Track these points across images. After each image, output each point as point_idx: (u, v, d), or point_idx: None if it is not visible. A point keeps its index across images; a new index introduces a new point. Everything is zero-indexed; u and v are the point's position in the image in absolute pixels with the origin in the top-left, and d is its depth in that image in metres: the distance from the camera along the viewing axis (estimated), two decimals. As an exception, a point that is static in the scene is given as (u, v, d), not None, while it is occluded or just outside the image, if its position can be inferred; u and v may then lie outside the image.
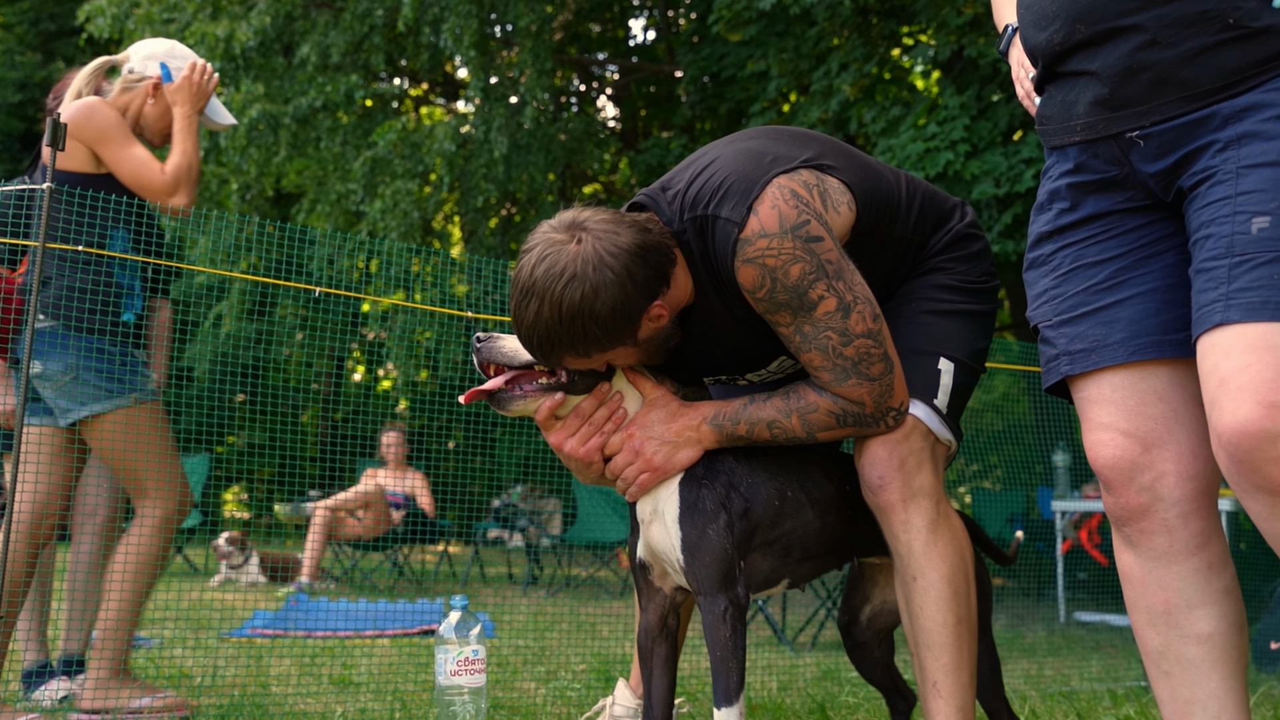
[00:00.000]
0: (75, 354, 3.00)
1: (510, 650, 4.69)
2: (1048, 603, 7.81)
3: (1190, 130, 1.62)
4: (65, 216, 3.06)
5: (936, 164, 7.78)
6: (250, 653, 4.37)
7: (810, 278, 1.95)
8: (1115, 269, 1.75)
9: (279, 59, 10.97)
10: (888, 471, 2.09)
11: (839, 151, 2.15)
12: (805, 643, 5.40)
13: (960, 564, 2.10)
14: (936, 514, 2.10)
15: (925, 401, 2.13)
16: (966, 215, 2.30)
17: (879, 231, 2.16)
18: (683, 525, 2.06)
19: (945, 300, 2.22)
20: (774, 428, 2.08)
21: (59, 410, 3.04)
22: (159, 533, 3.08)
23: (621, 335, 1.96)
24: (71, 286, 3.05)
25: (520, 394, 2.06)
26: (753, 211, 1.96)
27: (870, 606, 2.45)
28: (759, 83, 10.15)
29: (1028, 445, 8.69)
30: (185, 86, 3.25)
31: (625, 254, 1.92)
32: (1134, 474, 1.73)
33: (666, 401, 2.12)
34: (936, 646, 2.08)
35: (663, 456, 2.08)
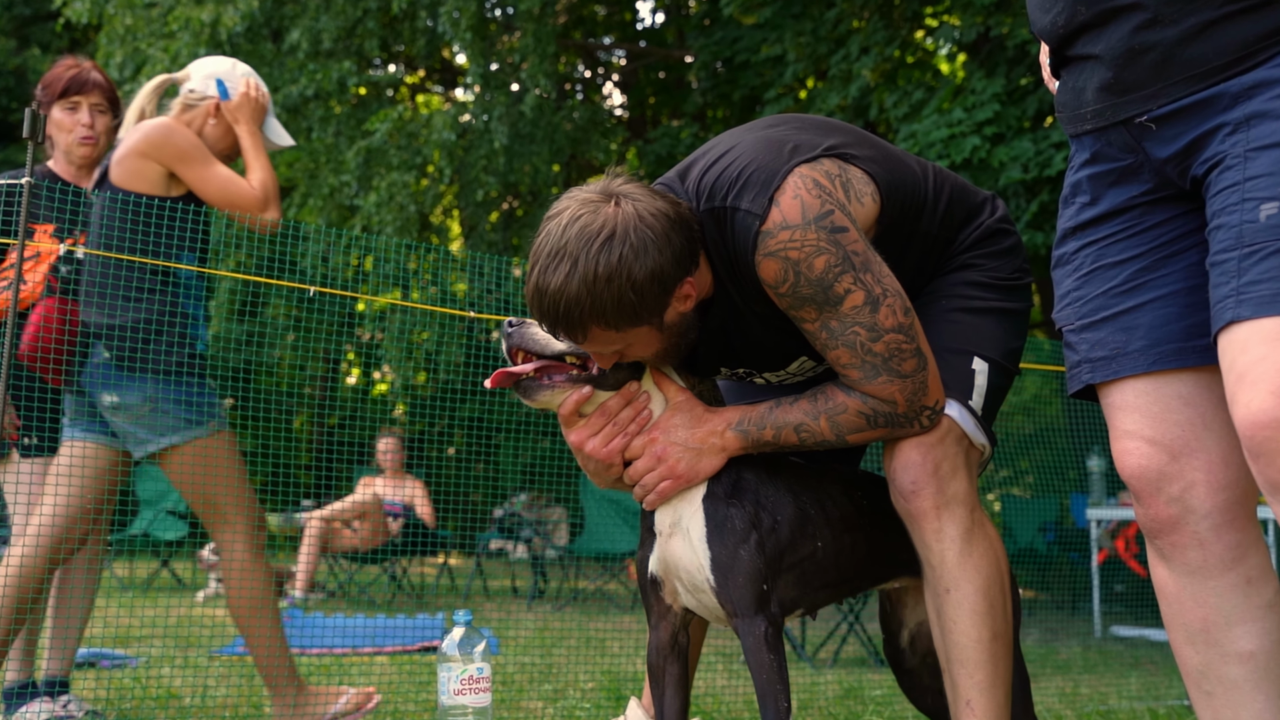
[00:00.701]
0: (154, 385, 3.09)
1: (515, 668, 4.69)
2: (1083, 617, 7.79)
3: (1199, 112, 1.61)
4: (132, 240, 3.16)
5: (962, 150, 7.77)
6: (241, 671, 4.38)
7: (836, 270, 1.95)
8: (1135, 270, 1.75)
9: (267, 45, 11.00)
10: (921, 476, 2.08)
11: (863, 141, 2.15)
12: (826, 659, 5.40)
13: (996, 576, 2.10)
14: (971, 523, 2.09)
15: (960, 402, 2.12)
16: (998, 210, 2.30)
17: (905, 226, 2.16)
18: (712, 545, 2.05)
19: (977, 297, 2.22)
20: (801, 431, 2.08)
21: (134, 441, 3.14)
22: (257, 557, 3.20)
23: (653, 308, 1.94)
24: (144, 319, 3.12)
25: (548, 384, 2.06)
26: (774, 203, 1.95)
27: (907, 630, 2.44)
28: (774, 68, 10.15)
29: (1060, 449, 8.68)
30: (244, 103, 3.36)
31: (665, 218, 1.92)
32: (1161, 484, 1.72)
33: (691, 406, 2.12)
34: (970, 663, 2.08)
35: (686, 464, 2.08)
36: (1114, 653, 6.07)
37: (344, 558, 8.00)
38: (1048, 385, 9.85)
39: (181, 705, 3.63)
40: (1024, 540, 9.22)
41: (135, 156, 3.17)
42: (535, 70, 10.34)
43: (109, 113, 3.64)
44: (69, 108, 3.57)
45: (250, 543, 3.18)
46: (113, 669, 4.33)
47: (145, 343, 3.10)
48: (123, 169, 3.18)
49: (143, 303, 3.13)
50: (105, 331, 3.11)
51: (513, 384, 2.06)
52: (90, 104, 3.58)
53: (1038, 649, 6.03)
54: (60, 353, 3.22)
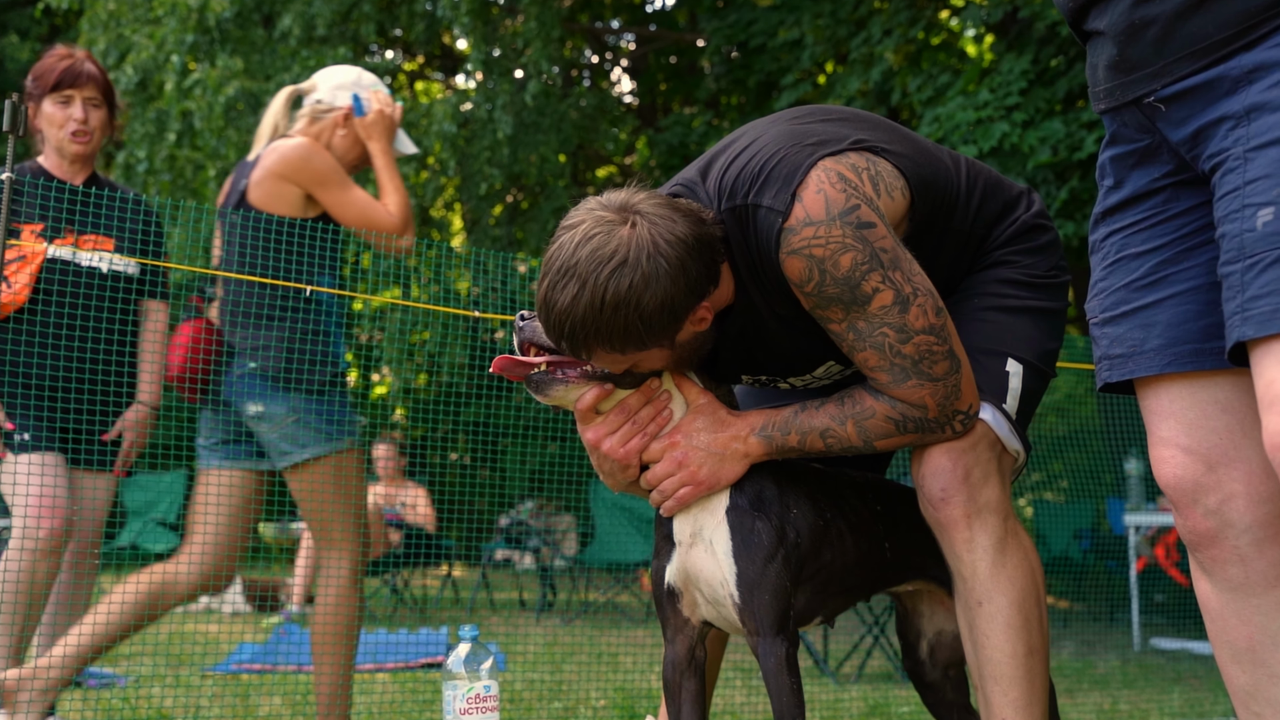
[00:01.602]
0: (298, 399, 3.25)
1: (523, 684, 4.70)
2: (1121, 628, 7.77)
3: (1203, 96, 1.60)
4: (275, 260, 3.31)
5: (991, 136, 7.74)
6: (235, 690, 4.39)
7: (863, 268, 1.94)
8: (1156, 262, 1.74)
9: (258, 31, 11.02)
10: (951, 484, 2.07)
11: (893, 133, 2.14)
12: (850, 674, 5.39)
13: (1031, 588, 2.09)
14: (1004, 532, 2.08)
15: (994, 405, 2.12)
16: (1034, 204, 2.29)
17: (938, 223, 2.15)
18: (738, 560, 2.05)
19: (1011, 296, 2.21)
20: (828, 437, 2.07)
21: (277, 453, 3.28)
22: (354, 585, 3.32)
23: (663, 335, 1.95)
24: (288, 337, 3.28)
25: (563, 379, 2.04)
26: (797, 198, 1.94)
27: (926, 640, 2.44)
28: (791, 52, 10.14)
29: (1095, 452, 8.65)
30: (379, 120, 3.47)
31: (682, 244, 1.90)
32: (1198, 495, 1.71)
33: (713, 409, 2.12)
34: (1005, 680, 2.07)
35: (708, 470, 2.08)
36: (1155, 666, 6.05)
37: (342, 569, 8.00)
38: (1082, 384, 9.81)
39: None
40: (1058, 548, 9.20)
41: (274, 179, 3.30)
42: (540, 56, 10.34)
43: (103, 106, 3.63)
44: (61, 101, 3.55)
45: (353, 570, 3.32)
46: (100, 688, 4.34)
47: (290, 359, 3.26)
48: (262, 191, 3.31)
49: (286, 321, 3.29)
50: (250, 351, 3.28)
51: (524, 378, 2.06)
52: (84, 98, 3.57)
53: (1074, 662, 6.01)
54: (205, 372, 3.38)
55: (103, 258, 3.53)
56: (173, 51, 10.67)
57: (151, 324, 3.67)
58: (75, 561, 3.50)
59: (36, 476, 3.28)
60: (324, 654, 3.32)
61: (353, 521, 3.32)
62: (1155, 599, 8.43)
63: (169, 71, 10.72)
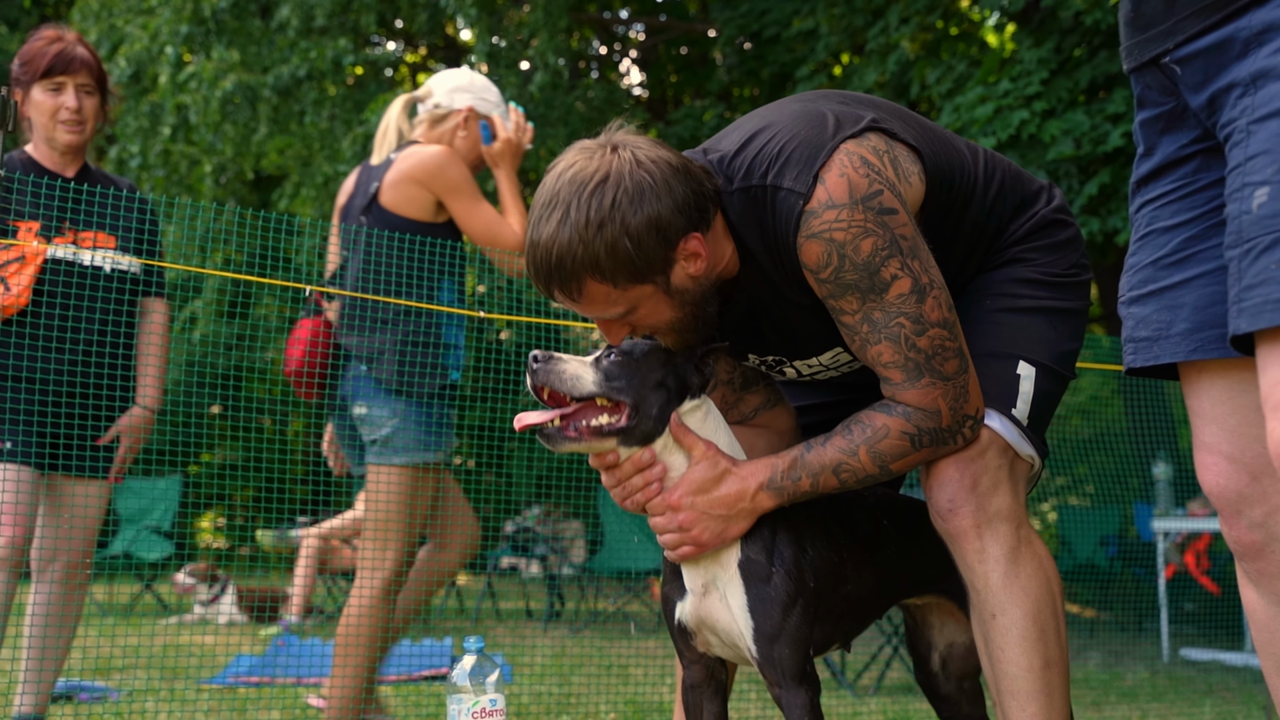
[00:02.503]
0: (404, 405, 3.47)
1: (530, 698, 4.69)
2: (1149, 638, 7.75)
3: (1215, 59, 1.58)
4: (397, 267, 3.48)
5: (1009, 125, 7.73)
6: (233, 703, 4.39)
7: (883, 254, 1.94)
8: (1185, 238, 1.71)
9: (255, 21, 11.05)
10: (959, 493, 2.07)
11: (907, 119, 2.14)
12: (869, 686, 5.38)
13: (1047, 597, 2.08)
14: (1017, 540, 2.07)
15: (1001, 411, 2.10)
16: (1054, 199, 2.28)
17: (953, 213, 2.14)
18: (754, 615, 2.03)
19: (1025, 296, 2.19)
20: (841, 472, 2.05)
21: (370, 448, 3.51)
22: (388, 596, 3.49)
23: (654, 263, 1.94)
24: (400, 341, 3.48)
25: (574, 436, 2.02)
26: (819, 180, 1.94)
27: (937, 652, 2.44)
28: (806, 42, 10.13)
29: (1122, 455, 8.63)
30: (506, 150, 3.67)
31: (667, 164, 1.93)
32: (1241, 507, 1.69)
33: (714, 463, 2.06)
34: (1022, 694, 2.06)
35: (711, 533, 2.05)
36: (1185, 678, 6.03)
37: (343, 578, 8.01)
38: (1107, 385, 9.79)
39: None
40: (1083, 554, 9.18)
41: (410, 182, 3.48)
42: (546, 47, 10.34)
43: (96, 93, 3.55)
44: (52, 88, 3.47)
45: (391, 581, 3.48)
46: (92, 702, 4.34)
47: (400, 366, 3.46)
48: (396, 193, 3.48)
49: (400, 328, 3.49)
50: (363, 354, 3.47)
51: (536, 431, 2.04)
52: (76, 84, 3.49)
53: (1100, 674, 5.99)
54: (322, 369, 3.62)
55: (105, 256, 3.49)
56: (167, 43, 10.70)
57: (151, 323, 3.63)
58: (66, 576, 3.47)
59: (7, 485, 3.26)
60: (342, 659, 3.43)
61: (406, 536, 3.48)
62: (1185, 608, 8.41)
63: (163, 64, 10.75)
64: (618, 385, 2.01)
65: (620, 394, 2.01)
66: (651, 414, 2.03)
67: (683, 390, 2.07)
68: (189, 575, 7.95)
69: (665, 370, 2.06)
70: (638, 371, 2.03)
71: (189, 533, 11.23)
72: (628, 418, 2.02)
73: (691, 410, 2.09)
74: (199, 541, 12.51)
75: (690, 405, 2.09)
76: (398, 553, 3.49)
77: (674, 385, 2.06)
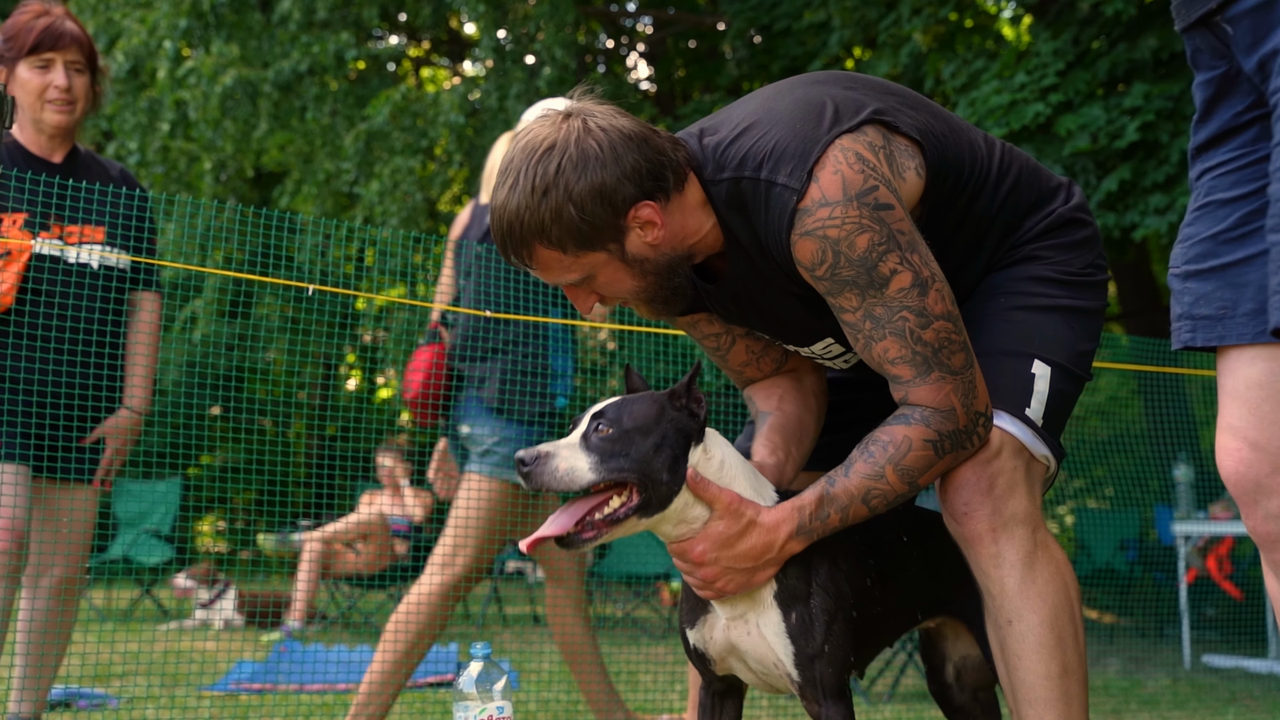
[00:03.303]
0: (508, 427, 3.73)
1: (537, 705, 4.70)
2: (1169, 644, 7.73)
3: (1264, 18, 1.54)
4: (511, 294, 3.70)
5: (1023, 116, 7.71)
6: (234, 710, 4.40)
7: (880, 249, 1.94)
8: (1245, 213, 1.68)
9: (256, 15, 11.05)
10: (974, 497, 2.06)
11: (917, 105, 2.13)
12: (882, 692, 5.38)
13: (1065, 603, 2.07)
14: (1033, 544, 2.07)
15: (1013, 413, 2.10)
16: (1073, 197, 2.26)
17: (956, 206, 2.14)
18: (795, 640, 2.03)
19: (1041, 294, 2.18)
20: (871, 498, 2.02)
21: (471, 457, 3.78)
22: (445, 600, 3.66)
23: (601, 230, 1.97)
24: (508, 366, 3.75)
25: (593, 535, 1.98)
26: (813, 178, 1.95)
27: (952, 664, 2.43)
28: (818, 35, 10.12)
29: (1141, 457, 8.61)
30: None
31: (618, 132, 1.97)
32: (1259, 497, 1.67)
33: (737, 515, 2.01)
34: (1039, 702, 2.06)
35: (737, 584, 2.03)
36: (1207, 685, 6.02)
37: (345, 582, 8.02)
38: (1125, 386, 9.77)
39: (169, 749, 3.65)
40: (1102, 558, 9.16)
41: None
42: (552, 41, 10.34)
43: (86, 71, 3.40)
44: (39, 65, 3.31)
45: (453, 585, 3.66)
46: (91, 710, 4.36)
47: (505, 387, 3.72)
48: None
49: (509, 355, 3.75)
50: (476, 380, 3.73)
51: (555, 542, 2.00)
52: (66, 61, 3.33)
53: (1120, 681, 5.98)
54: (439, 397, 3.87)
55: (92, 252, 3.38)
56: (165, 37, 10.70)
57: (140, 320, 3.53)
58: (61, 588, 3.41)
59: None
60: (385, 649, 3.57)
61: (484, 545, 3.69)
62: (1207, 613, 8.39)
63: (162, 58, 10.76)
64: (616, 464, 1.95)
65: (622, 473, 1.95)
66: (662, 479, 1.97)
67: (684, 440, 2.01)
68: (188, 578, 7.97)
69: (659, 426, 1.99)
70: (631, 440, 1.96)
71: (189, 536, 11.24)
72: (638, 493, 1.97)
73: (704, 458, 2.04)
74: (199, 546, 12.52)
75: (701, 454, 2.04)
76: (468, 559, 3.67)
77: (674, 438, 2.00)
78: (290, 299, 10.54)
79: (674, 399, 2.02)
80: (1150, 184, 7.43)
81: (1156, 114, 7.41)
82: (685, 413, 2.02)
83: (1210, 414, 10.49)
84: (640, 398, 2.03)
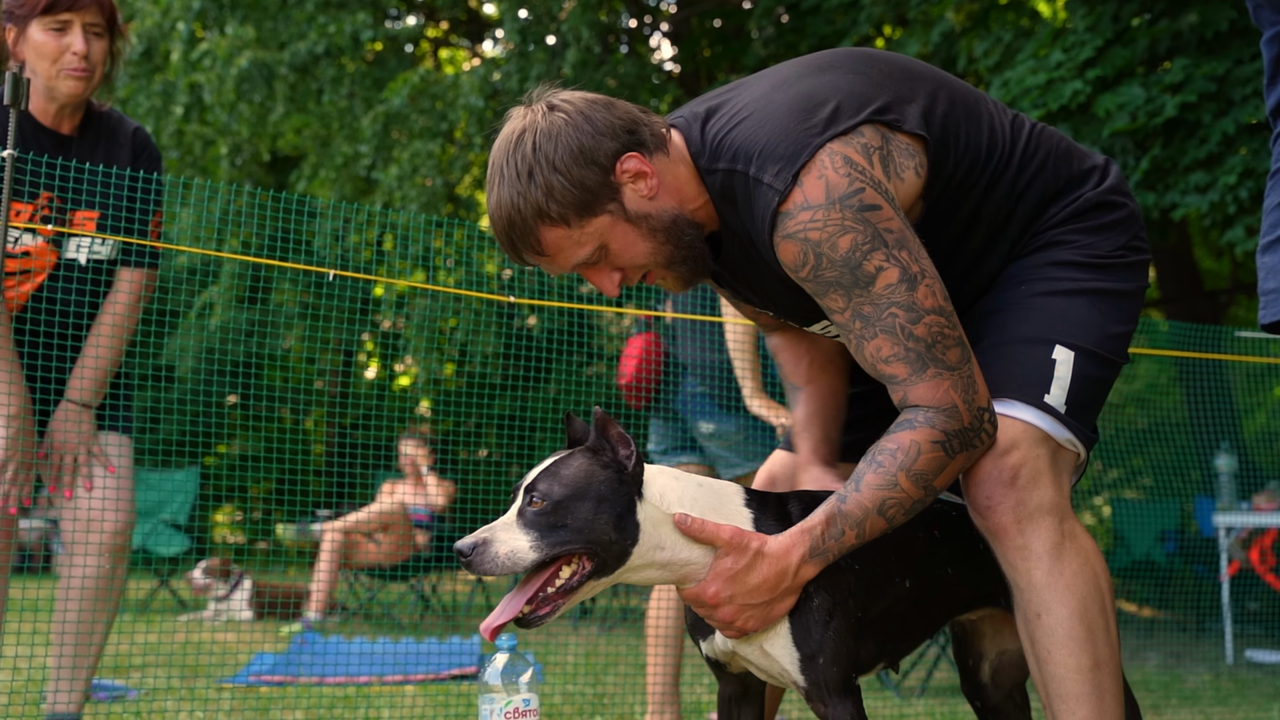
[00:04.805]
0: (745, 419, 3.95)
1: (561, 698, 4.72)
2: (1211, 639, 7.71)
3: None
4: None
5: (1060, 96, 7.64)
6: (254, 703, 4.44)
7: (864, 248, 1.96)
8: None
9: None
10: (996, 489, 2.06)
11: (936, 88, 2.13)
12: (914, 687, 5.38)
13: (1095, 594, 2.07)
14: (1060, 535, 2.06)
15: (1029, 401, 2.09)
16: (1106, 179, 2.24)
17: (970, 196, 2.13)
18: (799, 645, 2.04)
19: (1064, 279, 2.17)
20: (887, 509, 2.01)
21: (724, 464, 3.98)
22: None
23: (595, 191, 2.00)
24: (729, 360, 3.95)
25: (550, 609, 1.98)
26: (797, 182, 1.97)
27: (988, 662, 2.43)
28: (847, 14, 10.09)
29: (1181, 446, 8.58)
30: None
31: (583, 100, 2.04)
32: None
33: (742, 548, 2.00)
34: (1071, 697, 2.05)
35: (756, 620, 2.02)
36: (1250, 681, 6.00)
37: (365, 574, 8.07)
38: (1165, 373, 9.74)
39: (189, 741, 3.69)
40: (1140, 550, 9.14)
41: None
42: (576, 21, 10.32)
43: (106, 35, 3.15)
44: (55, 27, 3.07)
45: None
46: (110, 701, 4.39)
47: (731, 384, 3.92)
48: None
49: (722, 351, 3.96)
50: (698, 371, 3.89)
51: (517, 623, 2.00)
52: (84, 23, 3.09)
53: (1160, 676, 5.97)
54: (655, 383, 4.06)
55: (80, 246, 3.20)
56: (179, 19, 10.76)
57: (112, 298, 3.28)
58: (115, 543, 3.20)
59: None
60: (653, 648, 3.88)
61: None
62: (1249, 607, 8.35)
63: (175, 40, 10.81)
64: (557, 538, 1.93)
65: (564, 545, 1.94)
66: (610, 539, 1.95)
67: (621, 483, 1.97)
68: (204, 574, 8.01)
69: (593, 486, 1.95)
70: (567, 509, 1.94)
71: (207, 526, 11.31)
72: (589, 558, 1.96)
73: (677, 496, 2.02)
74: (216, 536, 12.61)
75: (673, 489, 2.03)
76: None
77: (610, 486, 1.96)
78: (310, 284, 10.58)
79: (599, 455, 1.99)
80: (1191, 161, 7.37)
81: (1199, 96, 7.34)
82: (613, 468, 1.99)
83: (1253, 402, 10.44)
84: (569, 459, 1.99)
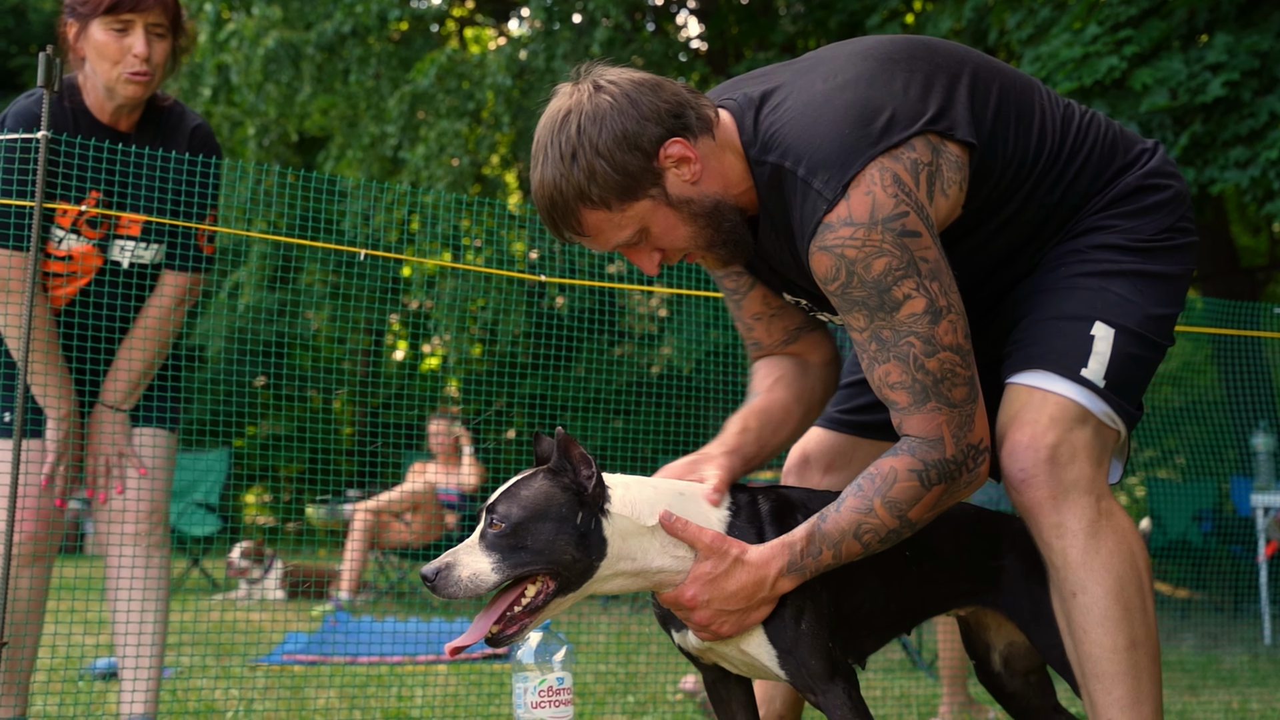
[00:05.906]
0: None
1: (592, 678, 4.75)
2: (1247, 619, 7.68)
3: None
4: None
5: (1095, 71, 7.57)
6: (286, 682, 4.48)
7: (897, 273, 1.96)
8: None
9: (298, -24, 11.12)
10: (1032, 464, 2.06)
11: (990, 82, 2.12)
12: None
13: (1132, 573, 2.07)
14: (1097, 513, 2.06)
15: (1065, 374, 2.09)
16: (1149, 162, 2.23)
17: (1014, 198, 2.14)
18: (774, 640, 2.08)
19: (1105, 260, 2.17)
20: (863, 534, 2.04)
21: None
22: None
23: (638, 177, 2.00)
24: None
25: (517, 628, 2.02)
26: (845, 193, 1.97)
27: (997, 653, 2.44)
28: (877, -12, 10.05)
29: (1217, 425, 8.53)
30: None
31: (629, 83, 2.02)
32: None
33: (723, 553, 2.04)
34: (1107, 677, 2.06)
35: (732, 625, 2.06)
36: (1286, 661, 5.99)
37: (395, 554, 8.12)
38: (1200, 351, 9.67)
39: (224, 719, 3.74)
40: (1175, 531, 9.10)
41: None
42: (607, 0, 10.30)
43: (169, 36, 3.07)
44: (117, 27, 2.99)
45: None
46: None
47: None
48: None
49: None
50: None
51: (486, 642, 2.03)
52: (147, 24, 3.01)
53: (1196, 657, 5.96)
54: None
55: (124, 249, 3.17)
56: (205, 0, 10.80)
57: (151, 304, 3.23)
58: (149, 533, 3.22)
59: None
60: None
61: None
62: (1287, 588, 8.32)
63: (202, 21, 10.86)
64: (518, 560, 1.96)
65: (525, 566, 1.97)
66: (572, 558, 1.98)
67: (582, 503, 2.00)
68: (243, 556, 8.08)
69: (553, 506, 1.98)
70: (526, 530, 1.97)
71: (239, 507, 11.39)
72: (551, 578, 1.99)
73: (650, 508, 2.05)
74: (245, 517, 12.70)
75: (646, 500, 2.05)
76: None
77: (570, 506, 1.99)
78: (339, 265, 10.63)
79: (559, 477, 2.01)
80: (1231, 136, 7.30)
81: (1242, 73, 7.25)
82: (573, 489, 2.01)
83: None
84: (529, 480, 2.02)
